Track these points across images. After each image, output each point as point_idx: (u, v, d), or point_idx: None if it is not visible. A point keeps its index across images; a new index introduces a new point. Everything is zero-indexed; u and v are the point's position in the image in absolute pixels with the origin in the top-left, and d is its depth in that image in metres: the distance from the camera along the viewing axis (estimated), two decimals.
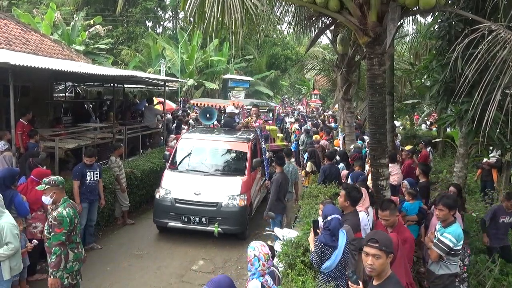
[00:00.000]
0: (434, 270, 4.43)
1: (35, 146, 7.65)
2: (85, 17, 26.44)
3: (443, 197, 4.55)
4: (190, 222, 7.56)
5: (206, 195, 7.62)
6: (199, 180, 7.94)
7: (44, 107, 11.05)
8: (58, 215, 4.45)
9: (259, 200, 9.24)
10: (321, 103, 34.80)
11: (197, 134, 9.30)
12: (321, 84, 23.41)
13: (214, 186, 7.77)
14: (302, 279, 3.90)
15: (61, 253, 4.44)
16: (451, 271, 4.30)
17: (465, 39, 4.35)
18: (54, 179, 4.64)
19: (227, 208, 7.53)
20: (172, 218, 7.65)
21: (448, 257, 4.27)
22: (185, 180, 8.00)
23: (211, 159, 8.57)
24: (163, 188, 7.93)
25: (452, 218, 4.36)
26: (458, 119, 6.21)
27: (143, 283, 6.19)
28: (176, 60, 27.06)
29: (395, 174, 7.55)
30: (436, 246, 4.30)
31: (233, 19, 5.02)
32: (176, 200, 7.66)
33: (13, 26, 11.34)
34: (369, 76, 5.70)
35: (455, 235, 4.18)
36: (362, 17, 5.49)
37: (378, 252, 2.74)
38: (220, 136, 9.10)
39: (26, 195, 5.77)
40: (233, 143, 8.76)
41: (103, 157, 9.97)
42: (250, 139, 8.77)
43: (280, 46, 35.15)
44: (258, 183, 8.99)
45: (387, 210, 4.30)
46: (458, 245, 4.21)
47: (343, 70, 10.20)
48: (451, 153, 12.79)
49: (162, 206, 7.75)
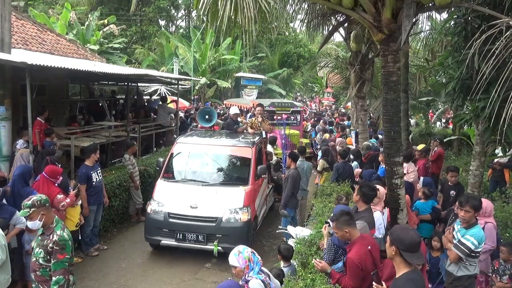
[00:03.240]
0: (452, 271, 4.36)
1: (52, 144, 7.78)
2: (100, 17, 26.79)
3: (469, 198, 4.37)
4: (186, 240, 6.63)
5: (204, 208, 6.70)
6: (196, 192, 6.98)
7: (59, 105, 11.23)
8: (60, 239, 3.85)
9: (266, 210, 8.50)
10: (333, 101, 34.58)
11: (195, 138, 8.24)
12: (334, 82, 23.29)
13: (213, 198, 6.84)
14: (311, 277, 3.90)
15: (64, 282, 3.86)
16: (470, 272, 4.22)
17: (482, 35, 4.26)
18: (38, 199, 3.93)
19: (228, 223, 6.60)
20: (165, 235, 6.74)
21: (467, 259, 4.19)
22: (180, 192, 7.04)
23: (210, 167, 7.64)
24: (155, 200, 7.00)
25: (475, 219, 4.28)
26: (475, 117, 6.10)
27: (157, 279, 6.26)
28: (189, 58, 27.23)
29: (411, 171, 7.46)
30: (457, 247, 4.23)
31: (246, 17, 5.02)
32: (169, 215, 6.73)
33: (30, 26, 11.55)
34: (384, 74, 5.63)
35: (478, 238, 4.09)
36: (376, 14, 5.42)
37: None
38: (221, 140, 8.09)
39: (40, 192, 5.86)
40: (235, 148, 7.78)
41: (118, 155, 10.11)
42: (255, 143, 7.90)
43: (293, 44, 35.07)
44: (264, 192, 8.17)
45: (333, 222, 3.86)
46: (479, 247, 4.13)
47: (356, 68, 10.09)
48: (466, 151, 12.58)
49: (154, 222, 6.82)
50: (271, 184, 9.00)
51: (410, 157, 7.77)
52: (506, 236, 5.81)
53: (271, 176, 9.06)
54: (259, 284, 3.44)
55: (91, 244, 7.05)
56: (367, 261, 3.57)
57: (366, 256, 3.57)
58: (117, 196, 7.98)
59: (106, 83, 15.46)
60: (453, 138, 13.18)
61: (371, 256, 3.63)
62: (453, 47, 6.58)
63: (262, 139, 8.56)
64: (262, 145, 8.54)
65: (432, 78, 12.74)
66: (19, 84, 8.28)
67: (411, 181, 7.32)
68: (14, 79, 7.49)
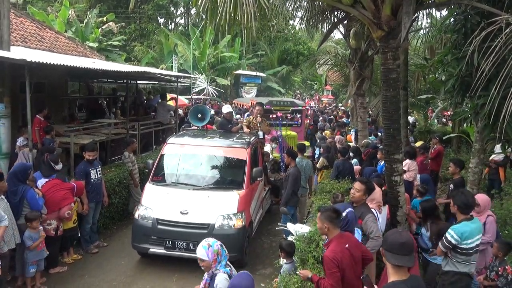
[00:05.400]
0: (442, 265, 4.40)
1: (51, 142, 7.79)
2: (98, 14, 26.72)
3: (456, 194, 4.40)
4: (176, 248, 6.19)
5: (195, 214, 6.27)
6: (187, 196, 6.53)
7: (59, 103, 11.21)
8: None
9: (262, 214, 8.04)
10: (333, 98, 34.60)
11: (186, 138, 7.73)
12: (333, 79, 23.27)
13: (205, 203, 6.40)
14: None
15: None
16: (458, 269, 4.20)
17: (481, 32, 4.27)
18: None
19: (220, 230, 6.15)
20: (153, 243, 6.30)
21: (454, 254, 4.18)
22: (169, 196, 6.57)
23: (201, 169, 7.20)
24: (143, 205, 6.56)
25: (463, 216, 4.27)
26: (474, 114, 6.11)
27: (157, 276, 6.27)
28: (188, 56, 27.21)
29: (412, 170, 7.45)
30: (441, 241, 4.27)
31: (246, 14, 5.03)
32: (158, 221, 6.30)
33: (29, 23, 11.53)
34: (383, 71, 5.64)
35: (458, 232, 4.08)
36: (376, 10, 5.43)
37: None
38: (214, 141, 7.60)
39: (49, 194, 5.91)
40: (229, 149, 7.31)
41: (117, 153, 10.10)
42: (250, 143, 7.47)
43: (292, 41, 35.01)
44: (260, 196, 7.72)
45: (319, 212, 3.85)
46: (463, 243, 4.08)
47: (356, 65, 10.11)
48: (466, 149, 12.60)
49: (142, 228, 6.38)
50: (267, 186, 8.61)
51: (413, 154, 7.72)
52: (505, 233, 5.83)
53: (267, 177, 8.74)
54: (225, 279, 3.41)
55: (90, 241, 7.06)
56: (343, 259, 3.51)
57: (342, 253, 3.52)
58: (116, 193, 7.98)
59: (106, 81, 15.44)
60: (453, 136, 13.20)
61: (350, 255, 3.58)
62: (452, 44, 6.59)
63: (258, 139, 8.15)
64: (258, 145, 8.13)
65: (431, 76, 12.75)
66: (18, 82, 8.27)
67: (411, 180, 7.32)
68: (13, 76, 7.48)
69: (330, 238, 3.66)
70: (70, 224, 6.29)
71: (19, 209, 5.45)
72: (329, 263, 3.46)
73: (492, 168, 8.96)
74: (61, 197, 5.97)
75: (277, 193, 8.78)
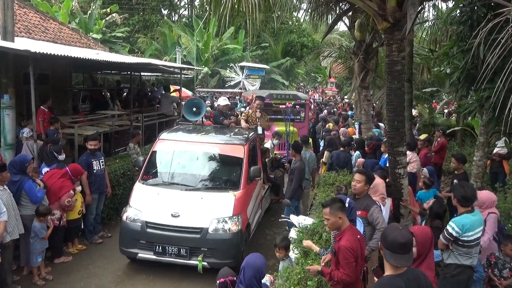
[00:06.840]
0: (444, 257, 4.40)
1: (55, 133, 7.82)
2: (102, 6, 26.65)
3: (455, 187, 4.46)
4: (166, 254, 5.77)
5: (187, 217, 5.82)
6: (179, 197, 6.09)
7: (63, 94, 11.24)
8: None
9: (261, 215, 7.62)
10: (337, 91, 34.44)
11: (180, 134, 7.29)
12: (337, 71, 23.17)
13: (198, 206, 5.95)
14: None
15: None
16: (460, 262, 4.20)
17: (488, 24, 4.22)
18: None
19: (215, 235, 5.74)
20: (142, 248, 5.88)
21: (456, 247, 4.18)
22: (160, 197, 6.11)
23: (195, 168, 6.72)
24: (132, 207, 6.12)
25: (464, 209, 4.27)
26: (479, 107, 6.07)
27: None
28: (191, 48, 27.14)
29: (414, 161, 7.45)
30: (442, 234, 4.27)
31: (250, 5, 4.99)
32: (147, 224, 5.86)
33: (33, 14, 11.51)
34: (388, 63, 5.61)
35: (459, 224, 4.08)
36: (381, 2, 5.39)
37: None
38: (209, 137, 7.08)
39: (50, 182, 5.95)
40: (225, 146, 6.83)
41: (121, 144, 10.15)
42: (248, 140, 7.02)
43: (296, 33, 34.81)
44: (258, 195, 7.28)
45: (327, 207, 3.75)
46: (464, 235, 4.08)
47: (360, 57, 10.06)
48: (470, 142, 12.55)
49: (130, 232, 5.94)
50: (267, 184, 8.21)
51: (413, 146, 7.75)
52: (509, 227, 5.82)
53: (267, 175, 8.34)
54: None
55: (94, 232, 7.12)
56: (358, 249, 3.54)
57: (356, 244, 3.54)
58: (121, 184, 8.02)
59: (109, 72, 15.46)
60: (457, 129, 13.13)
61: (361, 246, 3.62)
62: (458, 37, 6.51)
63: (257, 135, 7.80)
64: (257, 142, 7.73)
65: (436, 69, 12.66)
66: (22, 73, 8.28)
67: (414, 171, 7.32)
68: (17, 67, 7.49)
69: (343, 229, 3.64)
70: (75, 215, 6.34)
71: (17, 200, 5.42)
72: (347, 253, 3.46)
73: (496, 161, 8.91)
74: (59, 186, 6.01)
75: (277, 191, 8.63)
